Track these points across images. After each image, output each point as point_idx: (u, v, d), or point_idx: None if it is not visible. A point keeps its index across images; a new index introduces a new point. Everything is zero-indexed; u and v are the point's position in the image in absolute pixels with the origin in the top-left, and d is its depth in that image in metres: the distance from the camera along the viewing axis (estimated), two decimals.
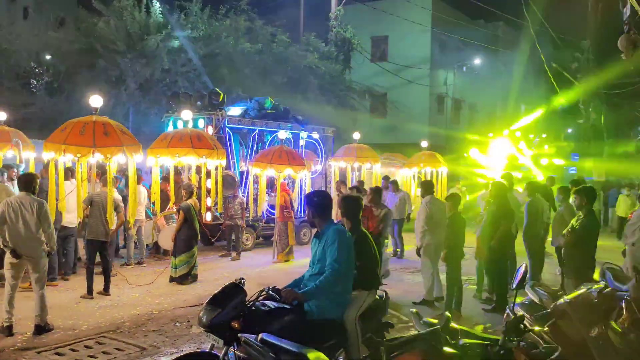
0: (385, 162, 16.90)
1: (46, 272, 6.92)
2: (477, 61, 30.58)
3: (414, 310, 4.25)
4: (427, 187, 8.88)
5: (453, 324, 3.44)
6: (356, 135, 15.49)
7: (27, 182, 6.81)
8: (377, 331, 5.00)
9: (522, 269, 3.69)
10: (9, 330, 6.51)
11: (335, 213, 9.02)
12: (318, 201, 4.78)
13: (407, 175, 17.01)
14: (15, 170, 9.63)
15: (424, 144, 16.65)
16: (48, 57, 20.56)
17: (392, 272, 10.03)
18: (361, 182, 12.65)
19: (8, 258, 6.67)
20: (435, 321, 3.72)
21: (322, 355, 3.47)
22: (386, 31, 29.80)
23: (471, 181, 20.72)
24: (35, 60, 20.43)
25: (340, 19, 25.74)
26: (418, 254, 8.55)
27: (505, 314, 5.20)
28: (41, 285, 6.71)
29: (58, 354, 6.05)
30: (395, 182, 13.54)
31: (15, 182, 9.17)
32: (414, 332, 6.48)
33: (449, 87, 31.08)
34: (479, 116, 35.40)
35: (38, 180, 7.11)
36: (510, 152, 19.85)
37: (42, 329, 6.64)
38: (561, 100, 27.13)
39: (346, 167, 15.20)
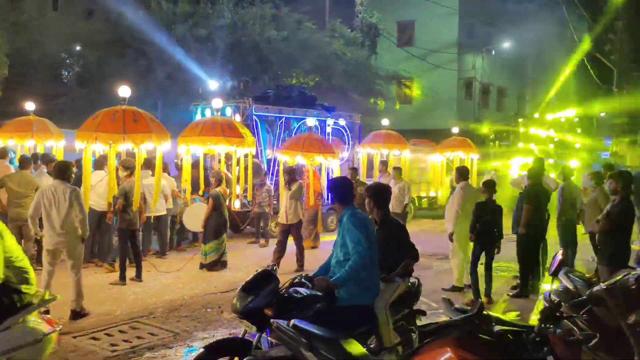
0: (413, 148, 16.74)
1: (82, 259, 7.07)
2: (506, 44, 29.98)
3: (445, 296, 4.21)
4: (462, 172, 8.77)
5: (486, 311, 3.39)
6: (385, 122, 15.37)
7: (62, 170, 6.94)
8: (409, 318, 4.99)
9: (559, 256, 3.62)
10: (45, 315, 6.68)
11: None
12: (338, 187, 4.82)
13: (436, 161, 16.85)
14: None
15: (455, 129, 16.44)
16: (78, 47, 20.87)
17: (420, 259, 9.96)
18: (354, 169, 12.74)
19: (45, 245, 6.84)
20: (468, 308, 3.68)
21: (354, 341, 3.48)
22: (413, 15, 29.40)
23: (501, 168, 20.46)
24: (65, 51, 20.77)
25: (365, 5, 25.50)
26: (451, 239, 8.48)
27: (537, 301, 5.14)
28: (77, 272, 6.87)
29: (94, 338, 6.20)
30: (398, 169, 12.51)
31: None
32: (444, 318, 6.47)
33: (477, 72, 30.58)
34: (508, 101, 34.82)
35: (73, 169, 7.23)
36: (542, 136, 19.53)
37: (78, 314, 6.80)
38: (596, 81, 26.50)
39: (374, 153, 15.10)
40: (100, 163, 9.86)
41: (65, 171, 6.94)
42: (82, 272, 7.07)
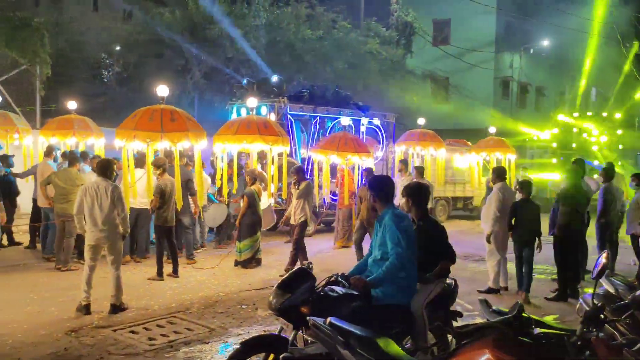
0: (449, 147, 16.57)
1: (122, 254, 7.23)
2: (545, 42, 29.37)
3: (482, 298, 4.16)
4: (499, 173, 8.65)
5: (526, 313, 3.34)
6: (421, 121, 15.27)
7: (104, 168, 7.11)
8: (445, 319, 4.94)
9: (603, 259, 3.54)
10: (86, 309, 6.86)
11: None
12: (379, 186, 4.79)
13: (472, 161, 16.65)
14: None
15: (492, 129, 16.21)
16: (117, 48, 21.35)
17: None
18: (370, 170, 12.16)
19: (87, 240, 7.02)
20: (506, 310, 3.63)
21: (390, 340, 3.46)
22: (449, 14, 29.09)
23: (537, 169, 20.11)
24: (105, 52, 21.27)
25: (401, 3, 25.33)
26: (488, 240, 8.38)
27: (578, 304, 5.03)
28: (117, 267, 7.03)
29: (133, 332, 6.33)
30: (420, 169, 12.20)
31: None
32: (480, 320, 6.39)
33: (514, 71, 30.05)
34: (547, 100, 34.11)
35: (114, 167, 7.40)
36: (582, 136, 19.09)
37: (117, 308, 6.96)
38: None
39: (408, 152, 15.01)
40: (139, 161, 10.08)
41: (108, 169, 7.10)
42: (122, 267, 7.23)
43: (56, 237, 9.41)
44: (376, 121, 15.26)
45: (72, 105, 12.42)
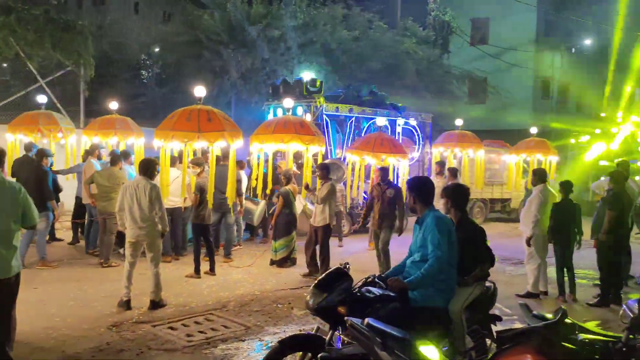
0: (487, 149, 16.32)
1: (160, 252, 7.36)
2: (588, 41, 28.61)
3: (523, 302, 4.09)
4: (540, 174, 8.50)
5: (569, 319, 3.27)
6: (458, 122, 15.08)
7: (145, 167, 7.26)
8: (483, 323, 4.87)
9: None
10: (127, 305, 7.02)
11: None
12: (419, 187, 4.77)
13: (511, 162, 16.37)
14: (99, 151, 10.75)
15: (534, 130, 15.89)
16: (157, 49, 21.75)
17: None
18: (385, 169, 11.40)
19: (127, 237, 7.18)
20: (549, 315, 3.56)
21: (429, 343, 3.44)
22: (487, 13, 28.64)
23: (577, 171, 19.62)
24: (145, 53, 21.70)
25: (438, 2, 25.07)
26: (528, 244, 8.23)
27: (621, 311, 4.89)
28: (156, 264, 7.16)
29: (171, 328, 6.45)
30: (453, 170, 11.93)
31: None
32: (519, 325, 6.28)
33: (555, 70, 29.37)
34: (589, 100, 33.19)
35: (157, 166, 7.54)
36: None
37: (156, 304, 7.10)
38: None
39: (447, 153, 14.84)
40: (173, 161, 10.25)
41: (149, 168, 7.25)
42: (161, 265, 7.36)
43: (99, 234, 9.70)
44: (412, 121, 15.15)
45: (113, 105, 12.73)
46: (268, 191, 11.65)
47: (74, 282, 8.25)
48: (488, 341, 4.92)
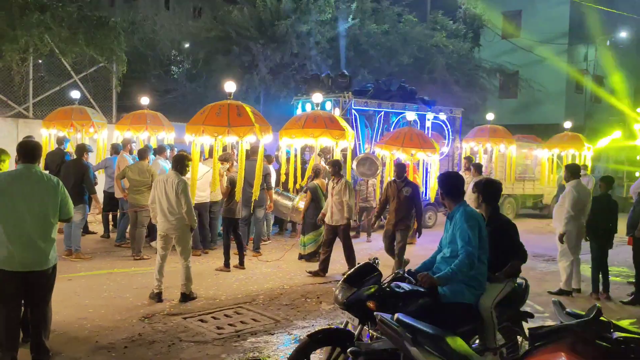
0: (518, 144, 16.04)
1: (189, 246, 7.44)
2: (624, 33, 27.84)
3: (556, 299, 4.02)
4: (573, 170, 8.32)
5: (604, 317, 3.20)
6: (489, 116, 14.86)
7: (177, 162, 7.36)
8: (515, 320, 4.81)
9: None
10: (158, 297, 7.13)
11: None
12: (449, 182, 4.73)
13: (543, 157, 16.08)
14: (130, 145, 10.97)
15: (567, 124, 15.56)
16: (187, 45, 21.95)
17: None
18: (401, 163, 10.79)
19: (158, 230, 7.30)
20: (582, 312, 3.49)
21: (459, 339, 3.41)
22: (519, 5, 28.10)
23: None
24: (176, 49, 21.90)
25: None
26: (561, 240, 8.09)
27: None
28: (185, 257, 7.25)
29: (201, 320, 6.53)
30: (478, 166, 11.69)
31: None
32: (550, 322, 6.17)
33: (589, 64, 28.67)
34: (625, 94, 32.35)
35: (189, 162, 7.62)
36: None
37: (187, 297, 7.19)
38: None
39: (478, 148, 14.65)
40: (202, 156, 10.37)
41: (180, 163, 7.34)
42: (191, 258, 7.44)
43: (130, 226, 9.89)
44: (442, 116, 14.99)
45: (144, 100, 12.94)
46: (298, 186, 11.67)
47: (107, 274, 8.43)
48: (519, 338, 4.85)
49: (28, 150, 4.92)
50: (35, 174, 4.83)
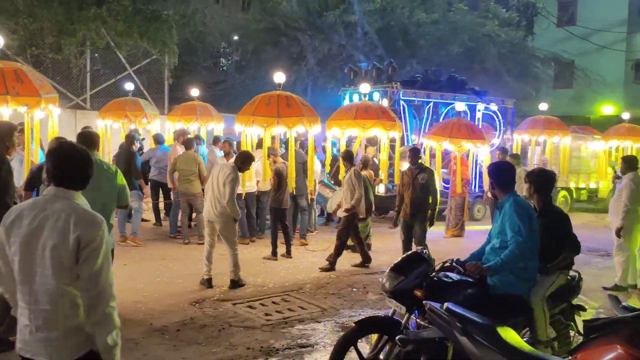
0: (573, 135, 15.55)
1: (234, 234, 7.51)
2: None
3: (612, 293, 3.91)
4: (630, 162, 8.01)
5: None
6: (543, 106, 14.46)
7: (242, 158, 7.52)
8: (567, 313, 4.70)
9: None
10: (208, 283, 7.31)
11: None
12: (498, 172, 4.66)
13: (599, 150, 15.53)
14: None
15: (626, 115, 14.98)
16: (236, 37, 22.24)
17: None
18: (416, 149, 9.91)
19: (204, 216, 7.48)
20: (639, 307, 3.39)
21: (511, 330, 3.36)
22: None
23: None
24: (225, 41, 22.24)
25: None
26: (618, 235, 7.81)
27: None
28: (231, 245, 7.35)
29: (250, 306, 6.66)
30: (516, 156, 11.33)
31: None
32: (603, 316, 6.00)
33: None
34: None
35: (252, 162, 7.73)
36: None
37: (236, 283, 7.34)
38: None
39: (529, 140, 14.28)
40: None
41: (244, 160, 7.49)
42: (238, 246, 7.56)
43: (181, 214, 10.16)
44: (493, 107, 14.67)
45: (195, 92, 13.23)
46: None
47: (159, 260, 8.69)
48: (572, 332, 4.74)
49: (88, 140, 5.12)
50: (95, 163, 5.01)
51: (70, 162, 2.69)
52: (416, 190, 8.27)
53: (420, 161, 8.64)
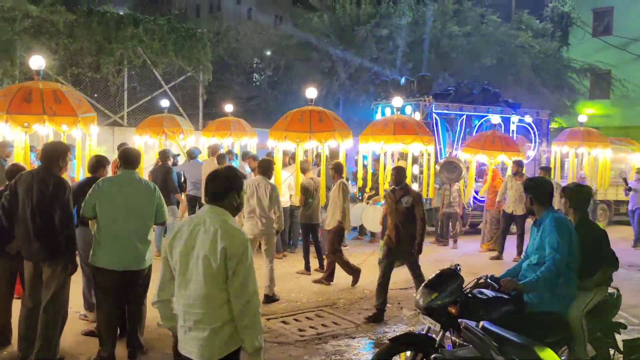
0: (612, 146, 15.19)
1: (275, 248, 7.62)
2: None
3: None
4: None
5: None
6: (582, 118, 14.20)
7: (264, 167, 7.58)
8: (606, 331, 4.59)
9: None
10: None
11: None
12: (537, 187, 4.62)
13: (637, 161, 15.13)
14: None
15: None
16: (269, 53, 22.55)
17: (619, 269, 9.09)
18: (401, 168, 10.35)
19: (246, 233, 7.47)
20: None
21: (549, 350, 3.31)
22: (611, 1, 26.61)
23: None
24: (258, 57, 22.56)
25: None
26: None
27: None
28: (271, 259, 7.43)
29: (284, 322, 6.69)
30: (547, 169, 11.14)
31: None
32: None
33: None
34: None
35: (273, 167, 7.85)
36: None
37: (270, 298, 7.38)
38: None
39: (567, 152, 14.00)
40: (286, 160, 10.56)
41: (268, 168, 7.57)
42: (275, 261, 7.62)
43: None
44: (528, 119, 14.47)
45: (228, 108, 13.44)
46: (368, 190, 11.65)
47: None
48: (612, 351, 4.63)
49: (129, 158, 5.29)
50: (135, 180, 5.18)
51: (216, 183, 3.15)
52: (399, 216, 7.05)
53: (407, 181, 7.55)
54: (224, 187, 3.10)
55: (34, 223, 4.88)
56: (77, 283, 6.13)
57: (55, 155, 5.09)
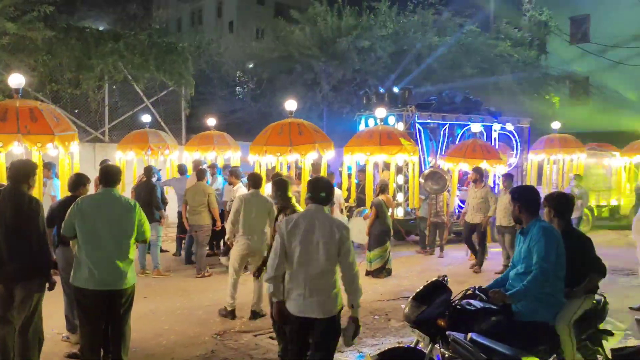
0: (591, 152, 15.38)
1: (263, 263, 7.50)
2: None
3: (639, 317, 3.82)
4: None
5: None
6: (555, 125, 14.38)
7: (257, 181, 7.50)
8: (594, 338, 4.60)
9: None
10: (232, 314, 7.25)
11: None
12: (524, 196, 4.62)
13: (619, 166, 15.35)
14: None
15: None
16: (251, 66, 22.53)
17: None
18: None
19: (242, 250, 7.26)
20: None
21: (535, 359, 3.29)
22: (588, 9, 27.07)
23: None
24: (240, 70, 22.53)
25: (534, 2, 24.09)
26: None
27: None
28: (259, 275, 7.32)
29: (271, 337, 6.57)
30: (509, 177, 10.52)
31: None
32: (633, 341, 5.86)
33: None
34: None
35: (261, 179, 7.74)
36: None
37: (257, 314, 7.28)
38: None
39: (545, 159, 14.16)
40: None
41: (259, 181, 7.51)
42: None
43: (195, 247, 10.14)
44: (509, 126, 14.62)
45: (211, 121, 13.39)
46: (351, 201, 11.62)
47: (180, 292, 8.68)
48: (600, 357, 4.64)
49: (109, 176, 5.18)
50: (115, 198, 5.08)
51: (318, 188, 4.39)
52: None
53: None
54: (328, 194, 4.34)
55: (7, 244, 4.77)
56: (58, 304, 6.02)
57: (24, 172, 5.04)
